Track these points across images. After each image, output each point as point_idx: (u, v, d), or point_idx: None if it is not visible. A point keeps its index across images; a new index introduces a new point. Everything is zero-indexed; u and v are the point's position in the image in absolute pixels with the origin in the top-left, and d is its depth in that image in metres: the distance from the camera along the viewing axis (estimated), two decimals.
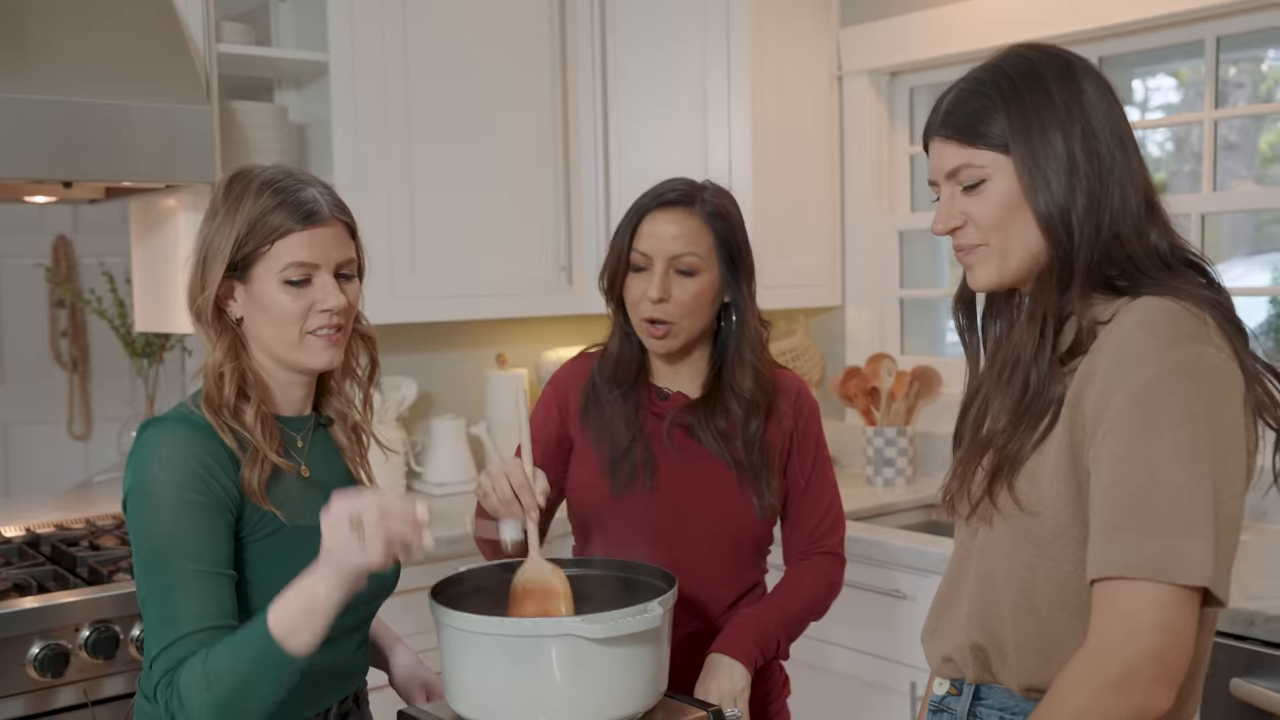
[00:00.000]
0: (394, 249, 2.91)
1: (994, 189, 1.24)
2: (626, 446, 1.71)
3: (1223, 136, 2.84)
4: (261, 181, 1.45)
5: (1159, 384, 1.11)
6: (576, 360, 1.85)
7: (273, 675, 1.31)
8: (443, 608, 1.41)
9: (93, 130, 2.39)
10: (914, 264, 3.38)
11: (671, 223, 1.68)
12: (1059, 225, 1.21)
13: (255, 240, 1.43)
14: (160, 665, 1.35)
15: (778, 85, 3.15)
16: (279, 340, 1.47)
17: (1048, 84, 1.23)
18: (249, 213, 1.43)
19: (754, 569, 1.80)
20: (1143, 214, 1.22)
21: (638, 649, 1.38)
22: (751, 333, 1.73)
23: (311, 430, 1.57)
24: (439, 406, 3.33)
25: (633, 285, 1.70)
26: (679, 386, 1.77)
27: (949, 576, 1.36)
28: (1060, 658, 1.19)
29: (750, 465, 1.71)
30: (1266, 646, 1.90)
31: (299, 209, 1.43)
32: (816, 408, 1.82)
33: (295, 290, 1.44)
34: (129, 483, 1.43)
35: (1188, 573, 1.08)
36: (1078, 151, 1.20)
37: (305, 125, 3.02)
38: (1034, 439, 1.22)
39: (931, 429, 3.18)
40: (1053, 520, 1.20)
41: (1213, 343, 1.14)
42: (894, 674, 2.52)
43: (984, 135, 1.24)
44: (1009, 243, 1.25)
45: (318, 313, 1.45)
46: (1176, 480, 1.09)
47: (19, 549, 2.55)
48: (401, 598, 1.85)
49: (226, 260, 1.43)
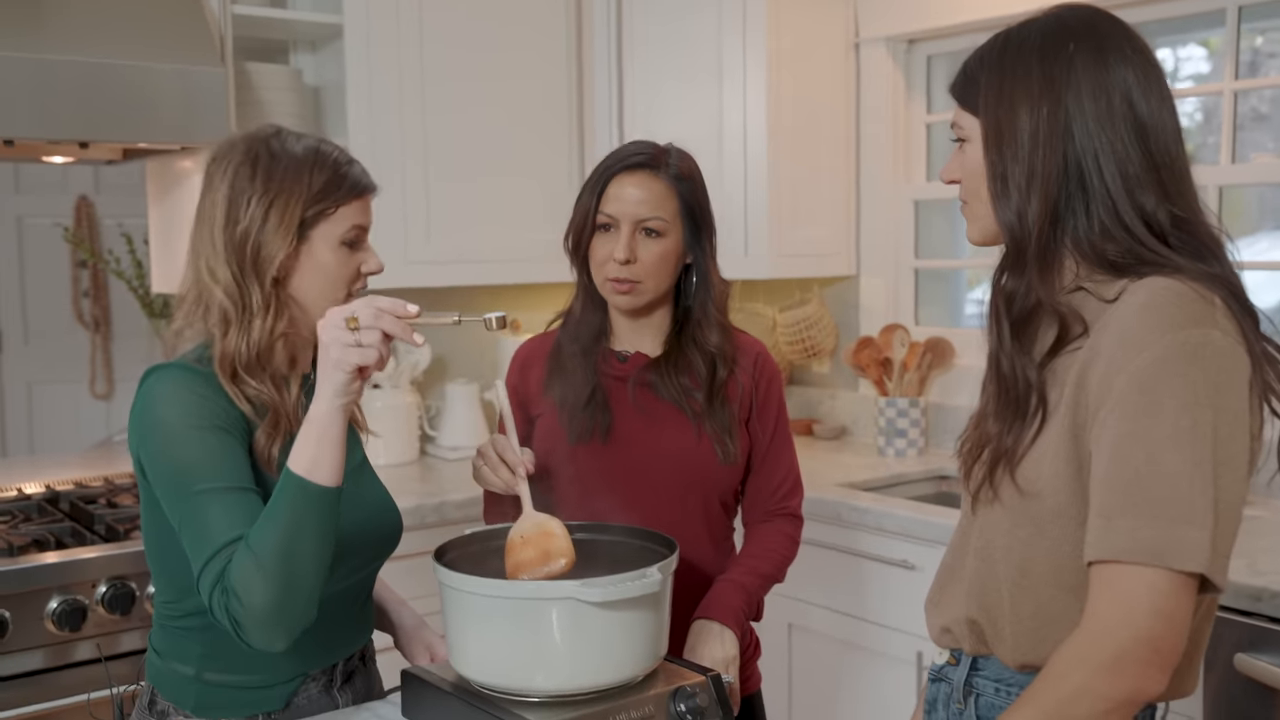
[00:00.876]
0: (408, 214, 2.92)
1: (971, 151, 1.27)
2: (585, 401, 1.74)
3: (1253, 108, 2.81)
4: (313, 150, 1.49)
5: (1163, 366, 1.10)
6: (541, 337, 1.88)
7: (314, 523, 1.33)
8: (445, 569, 1.43)
9: (109, 91, 2.40)
10: (929, 234, 3.37)
11: (637, 186, 1.71)
12: (1010, 209, 1.21)
13: (323, 204, 1.47)
14: (206, 582, 1.35)
15: (794, 53, 3.13)
16: (326, 300, 1.49)
17: (1030, 55, 1.22)
18: (315, 180, 1.47)
19: (724, 528, 1.82)
20: (1140, 191, 1.19)
21: (637, 613, 1.40)
22: (715, 291, 1.77)
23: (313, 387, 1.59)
24: (452, 371, 3.35)
25: (598, 246, 1.73)
26: (640, 346, 1.79)
27: (953, 548, 1.37)
28: (1055, 636, 1.20)
29: (711, 415, 1.74)
30: (1272, 623, 1.90)
31: (359, 181, 1.52)
32: (778, 372, 1.85)
33: (347, 252, 1.51)
34: (136, 433, 1.44)
35: (1185, 559, 1.08)
36: (1041, 132, 1.19)
37: (320, 88, 3.02)
38: (1029, 434, 1.22)
39: (944, 400, 3.18)
40: (1052, 500, 1.20)
41: (1219, 325, 1.13)
42: (901, 643, 2.54)
43: (968, 98, 1.27)
44: (980, 207, 1.27)
45: (361, 275, 1.54)
46: (1177, 465, 1.09)
47: (39, 505, 2.59)
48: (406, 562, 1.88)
49: (296, 223, 1.46)
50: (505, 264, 3.08)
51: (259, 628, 1.34)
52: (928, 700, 1.39)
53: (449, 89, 2.95)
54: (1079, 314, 1.21)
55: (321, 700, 1.55)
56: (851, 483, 2.83)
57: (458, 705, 1.42)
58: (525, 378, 1.84)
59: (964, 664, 1.33)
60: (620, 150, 1.76)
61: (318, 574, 1.36)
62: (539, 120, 3.10)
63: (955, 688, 1.33)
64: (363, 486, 1.63)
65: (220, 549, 1.36)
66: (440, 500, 2.65)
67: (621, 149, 1.76)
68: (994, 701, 1.29)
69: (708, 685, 1.46)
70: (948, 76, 3.28)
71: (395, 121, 2.88)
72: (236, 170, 1.48)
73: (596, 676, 1.39)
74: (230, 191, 1.47)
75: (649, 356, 1.79)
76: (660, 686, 1.44)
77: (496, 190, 3.05)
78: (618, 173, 1.72)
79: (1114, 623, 1.10)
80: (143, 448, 1.44)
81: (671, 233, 1.72)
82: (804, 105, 3.17)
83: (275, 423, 1.46)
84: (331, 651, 1.56)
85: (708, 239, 1.77)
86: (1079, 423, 1.18)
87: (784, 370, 3.50)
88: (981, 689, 1.30)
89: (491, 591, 1.39)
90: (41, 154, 2.70)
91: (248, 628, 1.34)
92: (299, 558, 1.33)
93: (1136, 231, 1.19)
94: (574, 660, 1.38)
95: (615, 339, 1.81)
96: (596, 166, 1.76)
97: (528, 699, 1.39)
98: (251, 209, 1.46)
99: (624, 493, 1.69)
